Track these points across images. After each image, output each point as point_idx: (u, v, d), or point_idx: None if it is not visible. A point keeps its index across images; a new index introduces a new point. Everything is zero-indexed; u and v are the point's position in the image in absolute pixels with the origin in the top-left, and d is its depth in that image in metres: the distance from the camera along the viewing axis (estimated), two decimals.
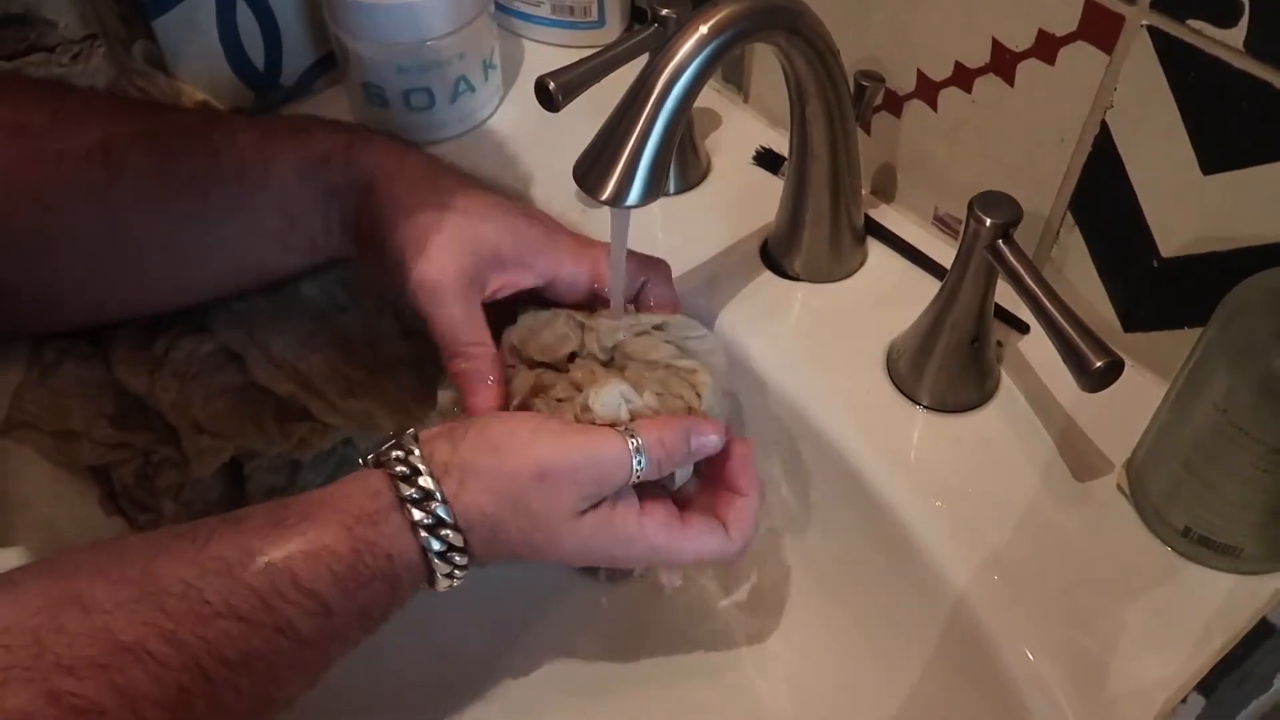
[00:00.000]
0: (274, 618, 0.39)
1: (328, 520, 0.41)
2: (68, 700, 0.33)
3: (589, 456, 0.44)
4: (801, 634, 0.59)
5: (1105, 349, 0.43)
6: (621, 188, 0.43)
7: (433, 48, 0.62)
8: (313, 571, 0.40)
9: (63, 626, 0.35)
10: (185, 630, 0.36)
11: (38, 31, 0.66)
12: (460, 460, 0.43)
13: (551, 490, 0.43)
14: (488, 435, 0.44)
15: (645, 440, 0.45)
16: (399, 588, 0.43)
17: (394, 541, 0.42)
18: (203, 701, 0.37)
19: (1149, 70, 0.45)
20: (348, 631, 0.42)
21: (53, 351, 0.53)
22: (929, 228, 0.61)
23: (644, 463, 0.45)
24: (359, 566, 0.41)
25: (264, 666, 0.38)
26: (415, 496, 0.42)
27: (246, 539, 0.40)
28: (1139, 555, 0.48)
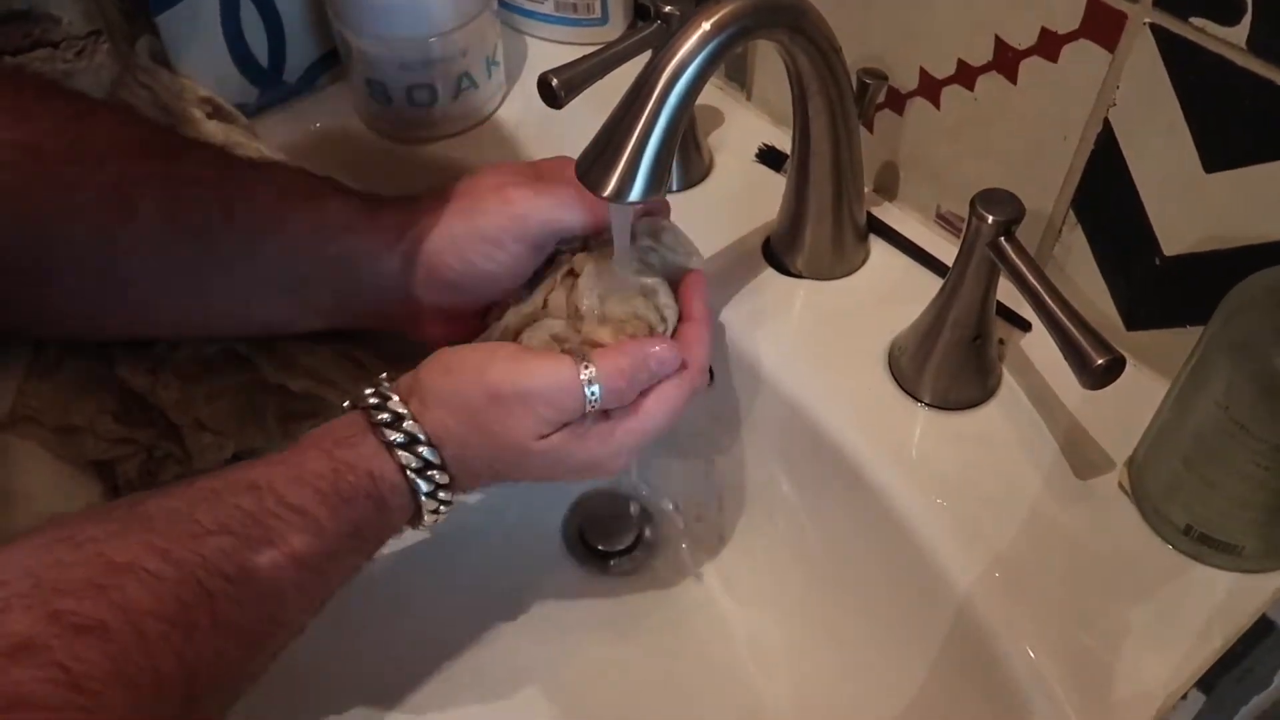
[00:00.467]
0: (266, 532, 0.40)
1: (306, 447, 0.43)
2: (69, 619, 0.34)
3: (540, 384, 0.45)
4: (801, 631, 0.59)
5: (1107, 347, 0.43)
6: (624, 184, 0.43)
7: (436, 44, 0.62)
8: (296, 490, 0.41)
9: (57, 559, 0.36)
10: (179, 548, 0.37)
11: (42, 27, 0.66)
12: (419, 384, 0.45)
13: (505, 413, 0.45)
14: (442, 359, 0.46)
15: (600, 370, 0.45)
16: (386, 510, 0.44)
17: (373, 461, 0.43)
18: (205, 615, 0.37)
19: (1152, 68, 0.45)
20: (342, 552, 0.43)
21: (55, 349, 0.53)
22: (931, 225, 0.61)
23: (598, 393, 0.45)
24: (341, 485, 0.42)
25: (263, 581, 0.39)
26: (387, 420, 0.44)
27: (229, 473, 0.41)
28: (1140, 553, 0.48)
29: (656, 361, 0.47)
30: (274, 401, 0.54)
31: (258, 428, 0.53)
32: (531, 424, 0.45)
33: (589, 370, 0.45)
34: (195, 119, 0.59)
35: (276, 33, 0.66)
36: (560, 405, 0.45)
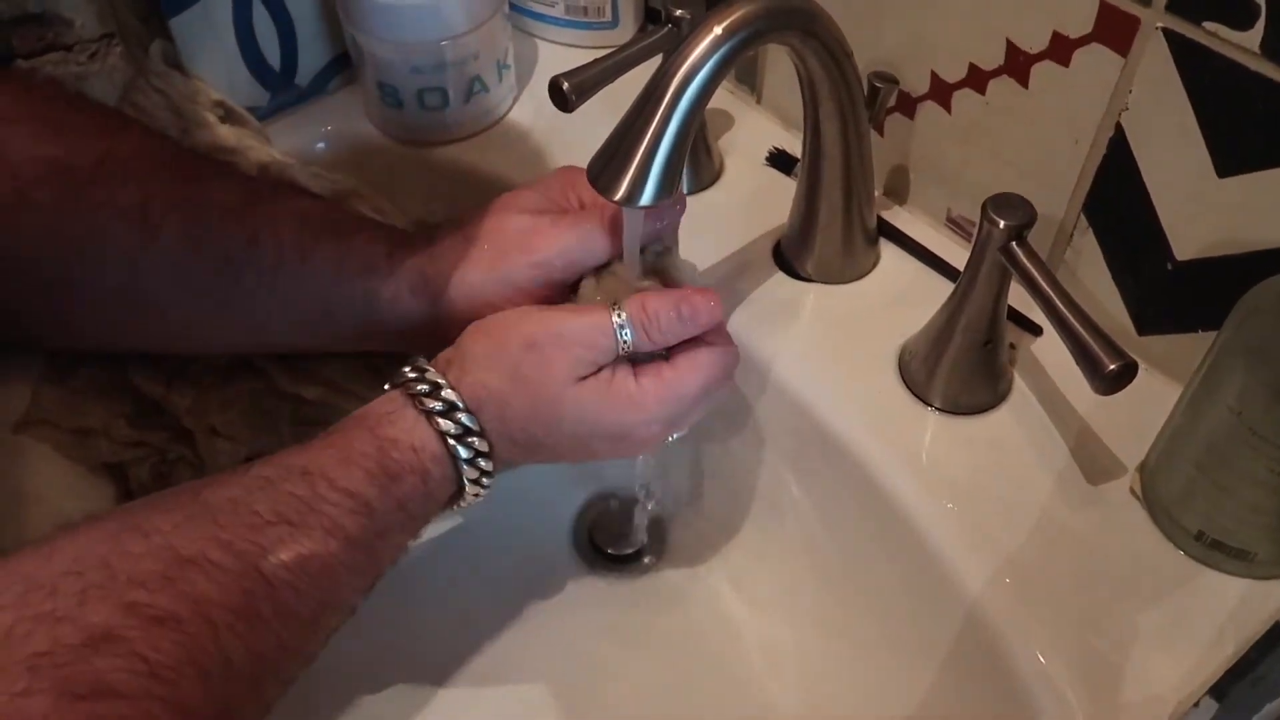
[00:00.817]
0: (320, 520, 0.41)
1: (351, 428, 0.44)
2: (144, 611, 0.35)
3: (572, 324, 0.46)
4: (812, 635, 0.59)
5: (1119, 352, 0.43)
6: (634, 188, 0.43)
7: (447, 48, 0.62)
8: (347, 473, 0.42)
9: (127, 549, 0.37)
10: (240, 539, 0.39)
11: (55, 30, 0.66)
12: (459, 354, 0.47)
13: (542, 357, 0.46)
14: (481, 325, 0.48)
15: (629, 309, 0.46)
16: (430, 481, 0.45)
17: (414, 433, 0.45)
18: (267, 604, 0.39)
19: (1164, 72, 0.45)
20: (390, 530, 0.44)
21: (70, 354, 0.54)
22: (942, 229, 0.61)
23: (629, 332, 0.46)
24: (388, 462, 0.44)
25: (319, 567, 0.41)
26: (425, 390, 0.45)
27: (281, 459, 0.43)
28: (1152, 559, 0.48)
29: (689, 307, 0.47)
30: (287, 408, 0.54)
31: (271, 434, 0.53)
32: (567, 366, 0.46)
33: (620, 313, 0.46)
34: (208, 122, 0.59)
35: (288, 36, 0.66)
36: (593, 343, 0.46)
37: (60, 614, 0.34)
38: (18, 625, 0.33)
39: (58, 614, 0.34)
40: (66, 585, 0.35)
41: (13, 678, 0.32)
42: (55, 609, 0.34)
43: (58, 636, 0.34)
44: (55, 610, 0.34)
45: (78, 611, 0.34)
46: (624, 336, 0.46)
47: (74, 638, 0.34)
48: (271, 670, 0.40)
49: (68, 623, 0.34)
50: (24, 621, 0.34)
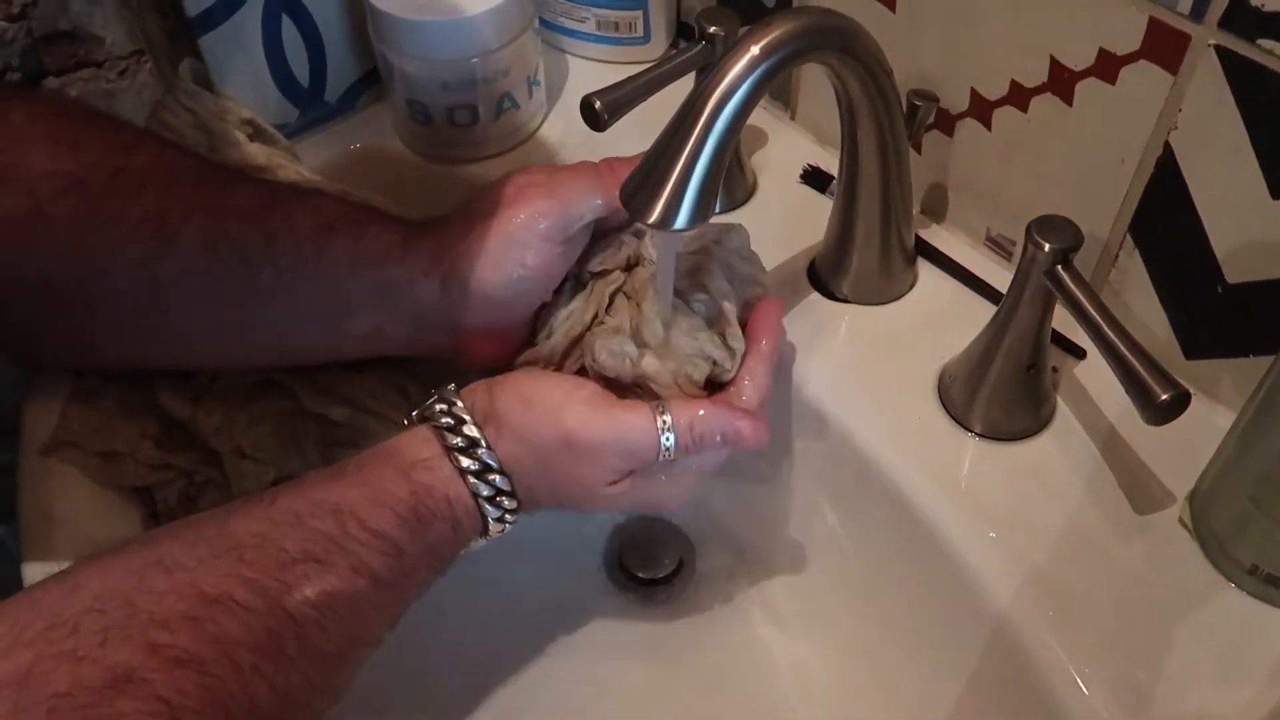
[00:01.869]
0: (348, 559, 0.41)
1: (384, 468, 0.44)
2: (167, 652, 0.35)
3: (616, 435, 0.45)
4: (844, 661, 0.58)
5: (1171, 381, 0.42)
6: (669, 211, 0.42)
7: (478, 64, 0.62)
8: (377, 515, 0.42)
9: (150, 587, 0.37)
10: (266, 577, 0.38)
11: (86, 47, 0.67)
12: (496, 411, 0.46)
13: (578, 460, 0.45)
14: (520, 389, 0.46)
15: (676, 423, 0.46)
16: (460, 530, 0.45)
17: (449, 485, 0.44)
18: (293, 642, 0.38)
19: (1216, 91, 0.44)
20: (419, 571, 0.44)
21: (98, 375, 0.53)
22: (981, 249, 0.59)
23: (673, 446, 0.46)
24: (420, 509, 0.43)
25: (346, 606, 0.40)
26: (461, 445, 0.45)
27: (311, 492, 0.42)
28: (1202, 592, 0.46)
29: (734, 434, 0.47)
30: (314, 428, 0.53)
31: (298, 454, 0.53)
32: (603, 472, 0.46)
33: (665, 421, 0.46)
34: (237, 140, 0.59)
35: (317, 53, 0.66)
36: (634, 455, 0.46)
37: (81, 654, 0.34)
38: (38, 664, 0.33)
39: (79, 653, 0.34)
40: (89, 623, 0.35)
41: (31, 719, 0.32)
42: (77, 648, 0.34)
43: (79, 677, 0.33)
44: (77, 649, 0.34)
45: (99, 651, 0.34)
46: (666, 447, 0.46)
47: (95, 679, 0.33)
48: (299, 707, 0.39)
49: (89, 663, 0.34)
50: (45, 660, 0.33)
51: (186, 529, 0.40)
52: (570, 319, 0.51)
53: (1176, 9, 0.44)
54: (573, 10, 0.70)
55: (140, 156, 0.49)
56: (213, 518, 0.41)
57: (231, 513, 0.41)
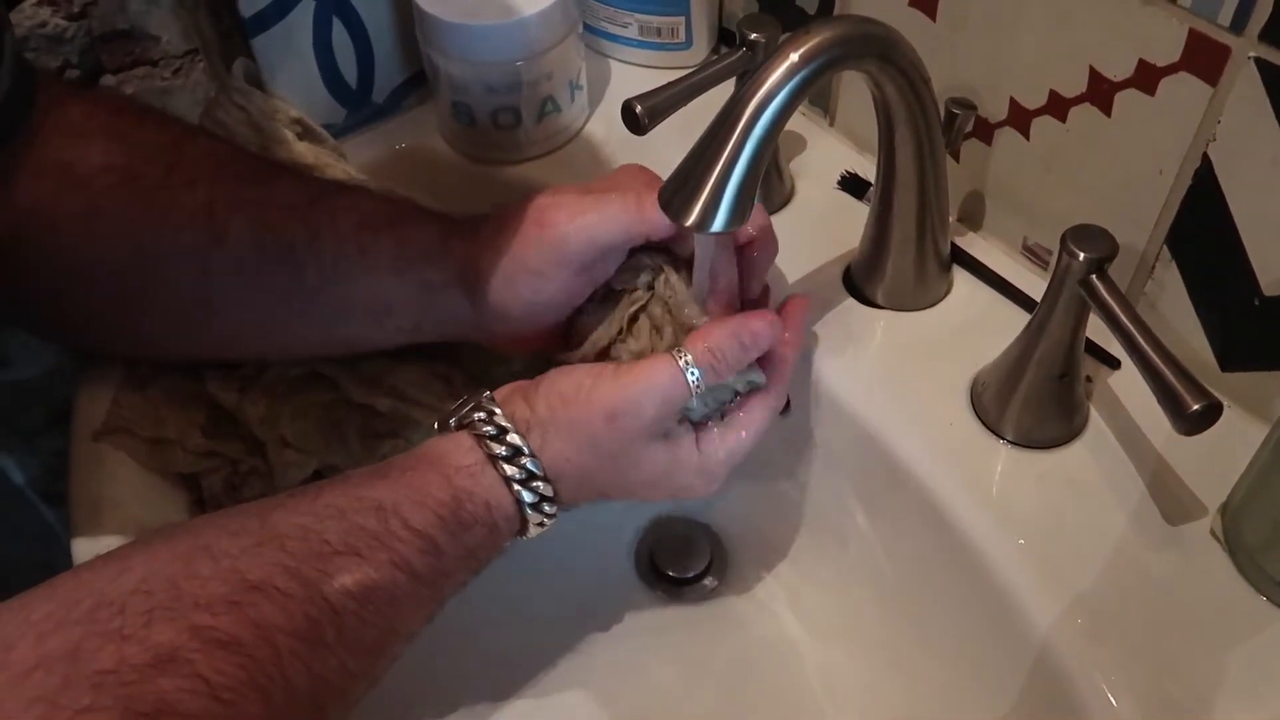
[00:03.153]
0: (390, 554, 0.41)
1: (428, 471, 0.44)
2: (209, 633, 0.36)
3: (646, 387, 0.46)
4: (873, 665, 0.58)
5: (1203, 391, 0.42)
6: (707, 214, 0.43)
7: (522, 68, 0.63)
8: (420, 515, 0.43)
9: (196, 572, 0.37)
10: (308, 567, 0.39)
11: (142, 46, 0.68)
12: (540, 418, 0.46)
13: (621, 428, 0.46)
14: (558, 389, 0.47)
15: (694, 353, 0.47)
16: (498, 533, 0.46)
17: (491, 492, 0.45)
18: (331, 630, 0.39)
19: (1256, 102, 0.44)
20: (456, 571, 0.45)
21: (149, 364, 0.55)
22: (1017, 257, 0.60)
23: (698, 374, 0.47)
24: (461, 513, 0.44)
25: (385, 599, 0.41)
26: (505, 454, 0.45)
27: (355, 489, 0.43)
28: (1233, 604, 0.46)
29: (749, 334, 0.48)
30: (357, 419, 0.54)
31: (341, 445, 0.54)
32: (645, 432, 0.47)
33: (685, 358, 0.47)
34: (286, 139, 0.60)
35: (366, 55, 0.67)
36: (669, 399, 0.47)
37: (127, 633, 0.35)
38: (86, 641, 0.34)
39: (124, 632, 0.35)
40: (135, 604, 0.35)
41: (78, 694, 0.33)
42: (123, 627, 0.35)
43: (124, 656, 0.34)
44: (123, 629, 0.35)
45: (144, 632, 0.35)
46: (693, 379, 0.47)
47: (139, 657, 0.34)
48: (334, 694, 0.40)
49: (134, 642, 0.34)
50: (92, 638, 0.34)
51: (231, 519, 0.41)
52: (594, 335, 0.52)
53: (1217, 21, 0.44)
54: (616, 15, 0.71)
55: (191, 151, 0.50)
56: (257, 509, 0.42)
57: (276, 505, 0.42)
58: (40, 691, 0.33)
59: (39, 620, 0.35)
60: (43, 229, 0.47)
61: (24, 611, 0.35)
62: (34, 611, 0.35)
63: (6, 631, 0.34)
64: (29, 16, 0.62)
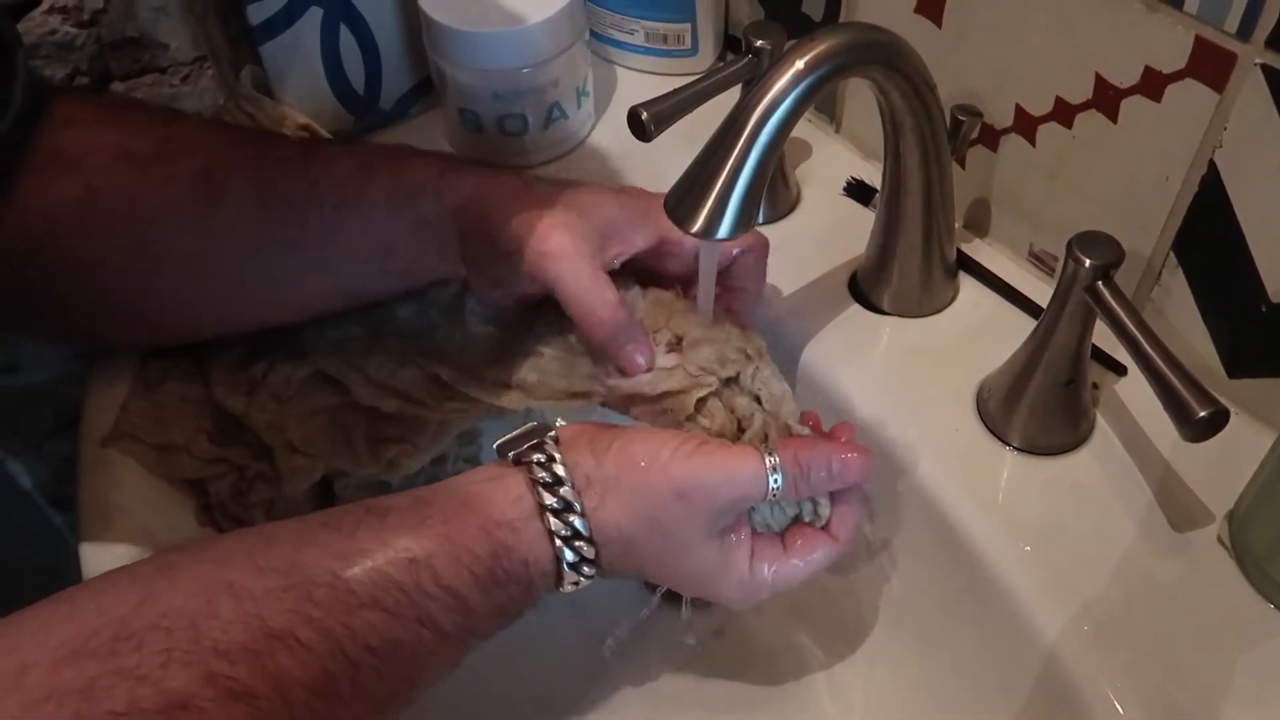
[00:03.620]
0: (416, 611, 0.40)
1: (468, 521, 0.42)
2: (224, 683, 0.35)
3: (727, 476, 0.44)
4: (881, 671, 0.58)
5: (1209, 398, 0.42)
6: (712, 221, 0.43)
7: (529, 75, 0.63)
8: (453, 571, 0.41)
9: (217, 612, 0.36)
10: (332, 619, 0.38)
11: (151, 53, 0.69)
12: (604, 476, 0.44)
13: (689, 509, 0.44)
14: (632, 452, 0.45)
15: (783, 459, 0.45)
16: (532, 590, 0.44)
17: (531, 548, 0.43)
18: (347, 684, 0.38)
19: (1262, 109, 0.44)
20: (484, 626, 0.43)
21: (156, 370, 0.55)
22: (1023, 264, 0.60)
23: (780, 482, 0.45)
24: (497, 570, 0.42)
25: (406, 655, 0.40)
26: (556, 506, 0.43)
27: (391, 535, 0.41)
28: (1240, 611, 0.46)
29: (840, 465, 0.46)
30: (363, 423, 0.54)
31: (347, 449, 0.54)
32: (710, 519, 0.45)
33: (773, 461, 0.45)
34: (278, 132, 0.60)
35: (373, 63, 0.67)
36: (744, 494, 0.45)
37: (142, 673, 0.34)
38: (101, 678, 0.34)
39: (139, 672, 0.34)
40: (153, 641, 0.35)
41: None
42: (138, 666, 0.34)
43: (136, 698, 0.33)
44: (138, 668, 0.34)
45: (159, 673, 0.34)
46: (774, 484, 0.45)
47: (151, 701, 0.34)
48: None
49: (148, 684, 0.34)
50: (106, 675, 0.34)
51: (259, 550, 0.40)
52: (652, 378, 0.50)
53: (1223, 27, 0.44)
54: (622, 22, 0.71)
55: (183, 126, 0.51)
56: (292, 538, 0.40)
57: (309, 540, 0.40)
58: None
59: (56, 645, 0.34)
60: (41, 221, 0.47)
61: (43, 632, 0.35)
62: (53, 634, 0.35)
63: (24, 651, 0.34)
64: (39, 24, 0.63)
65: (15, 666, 0.33)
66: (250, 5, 0.60)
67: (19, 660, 0.33)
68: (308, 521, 0.42)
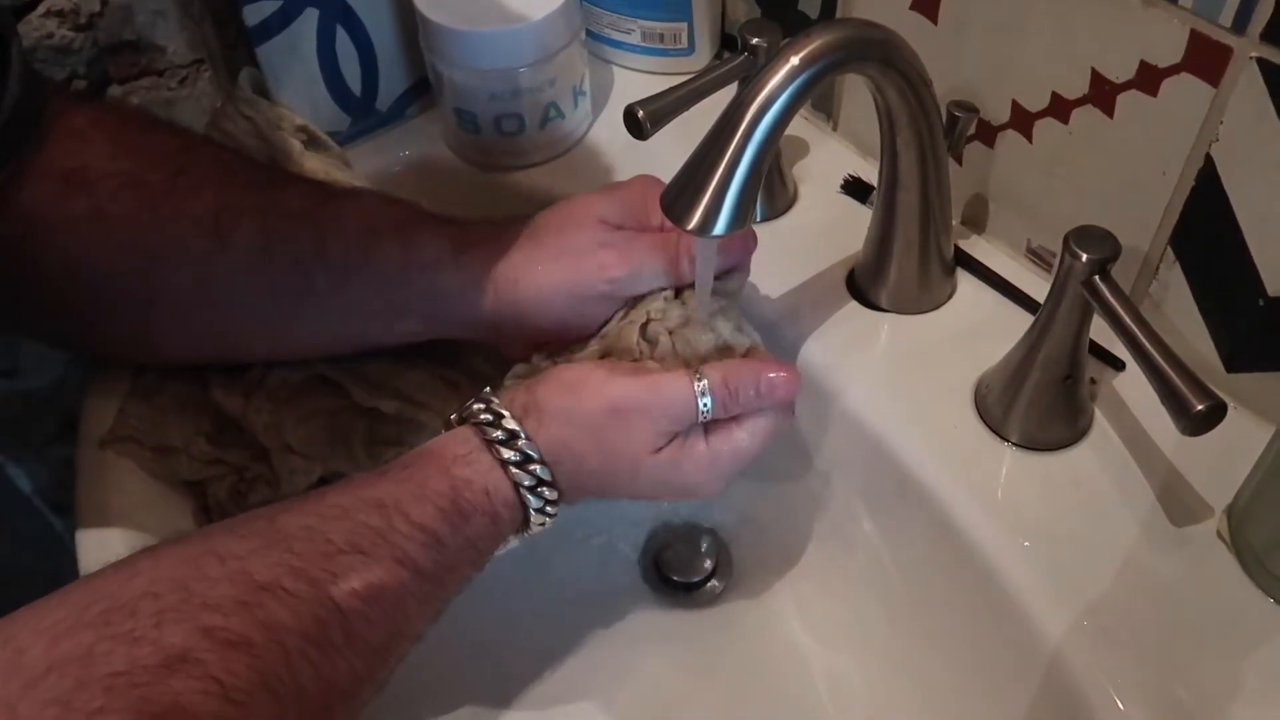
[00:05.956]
0: (392, 550, 0.42)
1: (426, 466, 0.45)
2: (220, 634, 0.36)
3: (657, 395, 0.47)
4: (879, 668, 0.58)
5: (1207, 391, 0.41)
6: (708, 217, 0.43)
7: (525, 75, 0.63)
8: (421, 508, 0.43)
9: (204, 574, 0.38)
10: (314, 567, 0.39)
11: (148, 57, 0.69)
12: (537, 402, 0.47)
13: (624, 425, 0.47)
14: (561, 377, 0.48)
15: (711, 380, 0.47)
16: (500, 523, 0.46)
17: (488, 477, 0.45)
18: (339, 631, 0.39)
19: (1258, 103, 0.44)
20: (459, 564, 0.45)
21: (155, 372, 0.55)
22: (1021, 260, 0.60)
23: (710, 404, 0.47)
24: (460, 502, 0.44)
25: (390, 597, 0.41)
26: (501, 438, 0.46)
27: (357, 489, 0.43)
28: (1240, 606, 0.46)
29: (767, 384, 0.48)
30: (362, 426, 0.55)
31: (345, 451, 0.54)
32: (649, 436, 0.47)
33: (702, 383, 0.47)
34: (292, 148, 0.60)
35: (370, 63, 0.67)
36: (676, 415, 0.47)
37: (138, 634, 0.35)
38: (98, 644, 0.34)
39: (135, 634, 0.35)
40: (145, 606, 0.36)
41: (90, 695, 0.33)
42: (134, 629, 0.35)
43: (135, 657, 0.34)
44: (134, 631, 0.35)
45: (155, 633, 0.35)
46: (704, 406, 0.47)
47: (151, 659, 0.34)
48: (342, 697, 0.40)
49: (146, 643, 0.35)
50: (104, 641, 0.34)
51: (240, 523, 0.41)
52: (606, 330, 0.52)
53: (1218, 22, 0.44)
54: (619, 22, 0.71)
55: (198, 158, 0.51)
56: (264, 513, 0.42)
57: (282, 509, 0.42)
58: (54, 694, 0.33)
59: (51, 625, 0.35)
60: (48, 233, 0.48)
61: (36, 618, 0.35)
62: (46, 617, 0.35)
63: (20, 637, 0.34)
64: (36, 28, 0.63)
65: (12, 652, 0.34)
66: (246, 6, 0.60)
67: (15, 646, 0.34)
68: (282, 500, 0.43)
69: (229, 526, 0.41)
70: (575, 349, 0.52)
